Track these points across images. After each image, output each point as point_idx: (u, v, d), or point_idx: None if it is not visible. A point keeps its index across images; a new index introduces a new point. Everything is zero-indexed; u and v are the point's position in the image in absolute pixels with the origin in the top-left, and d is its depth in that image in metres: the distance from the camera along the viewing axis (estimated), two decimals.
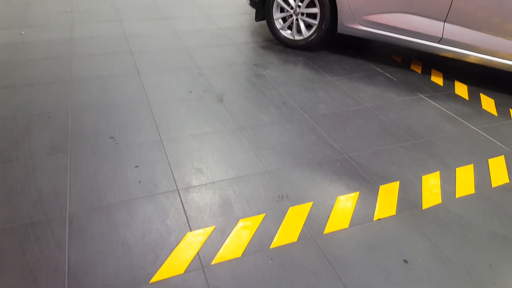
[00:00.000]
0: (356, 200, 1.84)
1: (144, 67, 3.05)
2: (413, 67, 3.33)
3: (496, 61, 2.74)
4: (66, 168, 1.94)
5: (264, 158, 2.09)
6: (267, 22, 3.58)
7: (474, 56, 2.81)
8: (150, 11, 4.33)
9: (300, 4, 3.32)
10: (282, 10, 3.48)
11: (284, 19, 3.51)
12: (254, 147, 2.18)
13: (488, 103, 2.80)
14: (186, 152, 2.11)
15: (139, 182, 1.87)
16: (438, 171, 2.08)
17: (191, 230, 1.63)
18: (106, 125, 2.30)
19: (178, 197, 1.81)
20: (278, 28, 3.53)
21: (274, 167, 2.03)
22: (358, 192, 1.89)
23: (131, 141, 2.17)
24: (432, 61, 3.46)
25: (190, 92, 2.73)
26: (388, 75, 3.15)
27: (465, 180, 2.02)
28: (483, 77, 3.19)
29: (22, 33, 3.55)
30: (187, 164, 2.02)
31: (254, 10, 3.75)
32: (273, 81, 2.96)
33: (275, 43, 3.66)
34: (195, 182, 1.90)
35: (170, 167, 1.99)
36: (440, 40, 2.88)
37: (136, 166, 1.98)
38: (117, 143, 2.15)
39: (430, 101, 2.79)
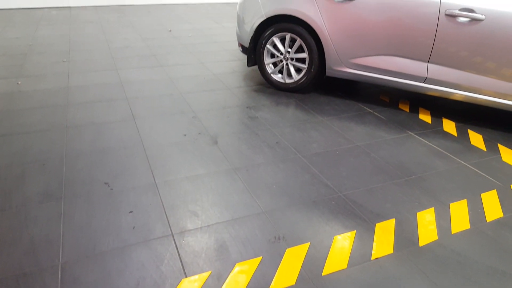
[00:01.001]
0: (353, 239, 1.83)
1: (140, 112, 3.11)
2: (401, 106, 3.44)
3: (480, 98, 2.85)
4: (60, 215, 1.93)
5: (259, 198, 2.10)
6: (259, 67, 3.71)
7: (459, 94, 2.91)
8: (145, 60, 4.48)
9: (289, 50, 3.47)
10: (272, 55, 3.62)
11: (275, 64, 3.65)
12: (249, 187, 2.19)
13: (476, 139, 2.87)
14: (180, 195, 2.10)
15: (133, 228, 1.86)
16: (433, 207, 2.08)
17: (186, 277, 1.60)
18: (100, 171, 2.31)
19: (173, 242, 1.78)
20: (270, 72, 3.66)
21: (270, 208, 2.03)
22: (355, 231, 1.88)
23: (126, 186, 2.17)
24: (419, 99, 3.58)
25: (185, 135, 2.77)
26: (377, 114, 3.24)
27: (459, 216, 2.03)
28: (470, 114, 3.29)
29: (19, 83, 3.64)
30: (182, 207, 2.01)
31: (246, 56, 3.90)
32: (266, 122, 3.02)
33: (267, 86, 3.77)
34: (190, 225, 1.89)
35: (165, 211, 1.98)
36: (425, 80, 2.99)
37: (131, 212, 1.97)
38: (112, 189, 2.14)
39: (420, 138, 2.85)
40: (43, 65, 4.15)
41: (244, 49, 3.80)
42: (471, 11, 2.65)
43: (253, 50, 3.71)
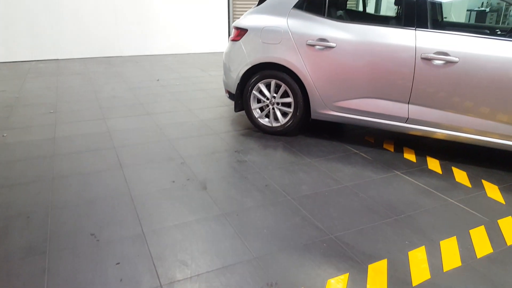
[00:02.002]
0: (346, 282, 1.80)
1: (127, 161, 3.11)
2: (385, 146, 3.52)
3: (462, 136, 2.94)
4: (44, 270, 1.85)
5: (250, 244, 2.06)
6: (246, 112, 3.80)
7: (440, 132, 3.01)
8: (133, 109, 4.55)
9: (275, 95, 3.58)
10: (259, 101, 3.73)
11: (262, 109, 3.74)
12: (240, 233, 2.16)
13: (461, 176, 2.93)
14: (169, 244, 2.06)
15: (120, 280, 1.79)
16: (423, 246, 2.08)
17: None
18: (87, 222, 2.26)
19: None
20: (257, 117, 3.74)
21: (261, 253, 1.99)
22: (348, 274, 1.85)
23: (113, 236, 2.12)
24: (403, 139, 3.67)
25: (173, 182, 2.76)
26: (363, 155, 3.30)
27: (450, 253, 2.02)
28: (453, 152, 3.38)
29: (4, 135, 3.63)
30: (171, 257, 1.96)
31: (233, 102, 3.99)
32: (255, 165, 3.04)
33: (255, 130, 3.84)
34: (179, 275, 1.83)
35: (153, 261, 1.92)
36: (406, 120, 3.10)
37: (118, 263, 1.91)
38: (98, 240, 2.09)
39: (406, 177, 2.90)
40: (30, 117, 4.17)
41: (231, 96, 3.91)
42: (446, 54, 2.81)
43: (240, 96, 3.81)
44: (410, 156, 3.28)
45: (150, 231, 2.17)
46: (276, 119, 3.67)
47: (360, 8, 9.07)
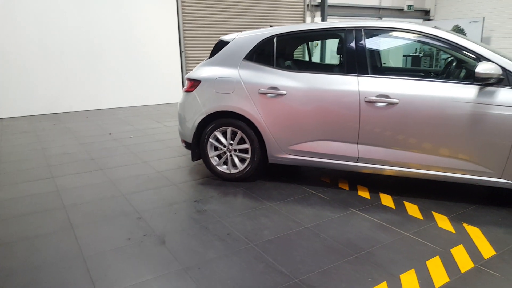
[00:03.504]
0: None
1: (79, 220, 2.95)
2: (341, 185, 3.63)
3: (409, 171, 3.12)
4: None
5: None
6: (204, 161, 3.80)
7: (389, 169, 3.18)
8: (84, 165, 4.39)
9: (232, 142, 3.64)
10: (216, 148, 3.76)
11: (219, 156, 3.77)
12: (202, 287, 2.08)
13: (412, 209, 3.07)
14: None
15: None
16: (385, 281, 2.11)
17: None
18: None
19: None
20: (215, 164, 3.75)
21: None
22: None
23: None
24: (356, 177, 3.82)
25: (129, 239, 2.64)
26: (321, 195, 3.38)
27: (410, 286, 2.07)
28: (403, 186, 3.56)
29: None
30: None
31: (190, 152, 3.99)
32: (215, 214, 3.00)
33: (214, 178, 3.83)
34: None
35: None
36: (357, 160, 3.25)
37: None
38: None
39: (362, 214, 2.99)
40: None
41: (187, 145, 3.91)
42: (387, 96, 3.04)
43: (197, 145, 3.82)
44: (364, 194, 3.40)
45: None
46: (234, 165, 3.70)
47: (306, 58, 9.68)
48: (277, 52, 3.53)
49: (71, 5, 7.89)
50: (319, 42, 11.52)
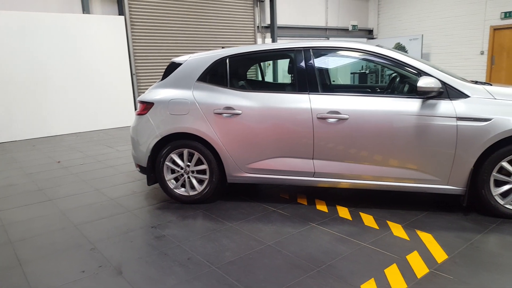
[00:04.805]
0: None
1: (27, 256, 2.74)
2: (299, 200, 3.69)
3: (363, 183, 3.24)
4: None
5: None
6: (160, 185, 3.70)
7: (344, 182, 3.28)
8: (32, 196, 4.11)
9: (189, 163, 3.59)
10: (173, 171, 3.68)
11: (177, 179, 3.69)
12: None
13: (368, 220, 3.18)
14: None
15: None
16: None
17: None
18: None
19: None
20: (172, 188, 3.66)
21: None
22: None
23: None
24: (314, 192, 3.90)
25: (83, 271, 2.49)
26: (281, 211, 3.40)
27: None
28: (359, 198, 3.68)
29: None
30: None
31: (145, 176, 3.87)
32: (175, 239, 2.92)
33: (171, 202, 3.73)
34: None
35: None
36: (314, 174, 3.33)
37: None
38: None
39: (322, 227, 3.05)
40: None
41: (142, 169, 3.80)
42: (337, 112, 3.17)
43: (152, 169, 3.73)
44: (322, 207, 3.47)
45: None
46: (192, 187, 3.64)
47: (260, 78, 9.89)
48: (230, 73, 3.57)
49: (12, 32, 7.52)
50: (271, 62, 11.83)
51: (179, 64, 3.73)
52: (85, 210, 3.62)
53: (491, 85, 3.19)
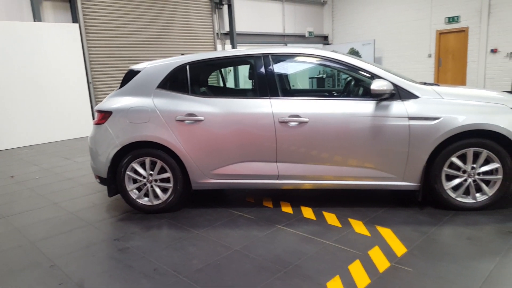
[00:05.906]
0: None
1: None
2: (265, 203, 3.73)
3: (325, 183, 3.34)
4: None
5: None
6: (122, 195, 3.60)
7: (307, 183, 3.36)
8: None
9: (151, 172, 3.52)
10: (135, 181, 3.59)
11: (139, 189, 3.61)
12: None
13: (331, 219, 3.27)
14: None
15: None
16: None
17: None
18: None
19: None
20: (135, 198, 3.58)
21: None
22: None
23: None
24: (278, 194, 3.96)
25: None
26: (247, 215, 3.43)
27: None
28: (321, 198, 3.78)
29: None
30: None
31: (105, 187, 3.74)
32: (139, 250, 2.85)
33: (135, 212, 3.64)
34: None
35: None
36: (278, 177, 3.38)
37: None
38: None
39: (287, 229, 3.10)
40: None
41: (102, 181, 3.68)
42: (297, 116, 3.25)
43: (113, 179, 3.62)
44: (287, 209, 3.54)
45: None
46: (156, 196, 3.57)
47: (221, 84, 9.89)
48: (191, 80, 3.56)
49: None
50: (232, 68, 11.88)
51: (137, 72, 3.67)
52: (42, 225, 3.45)
53: (438, 85, 3.41)
